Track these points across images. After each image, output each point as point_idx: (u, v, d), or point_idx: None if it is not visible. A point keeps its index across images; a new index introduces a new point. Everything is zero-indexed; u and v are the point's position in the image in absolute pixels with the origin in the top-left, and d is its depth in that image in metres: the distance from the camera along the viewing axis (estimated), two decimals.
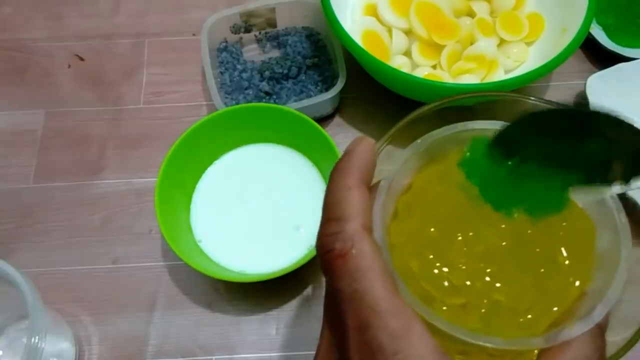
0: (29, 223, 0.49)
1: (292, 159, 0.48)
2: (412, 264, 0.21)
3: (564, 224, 0.22)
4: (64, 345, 0.42)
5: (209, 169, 0.48)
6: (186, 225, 0.45)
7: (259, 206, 0.46)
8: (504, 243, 0.21)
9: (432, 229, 0.22)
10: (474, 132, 0.23)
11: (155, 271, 0.46)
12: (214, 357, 0.43)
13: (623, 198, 0.22)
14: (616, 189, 0.21)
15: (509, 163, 0.22)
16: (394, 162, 0.23)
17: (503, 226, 0.22)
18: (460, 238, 0.22)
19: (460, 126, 0.23)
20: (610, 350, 0.21)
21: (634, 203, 0.33)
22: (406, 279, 0.21)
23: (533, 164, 0.21)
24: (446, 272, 0.21)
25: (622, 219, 0.22)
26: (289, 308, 0.45)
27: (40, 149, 0.52)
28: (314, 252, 0.38)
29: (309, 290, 0.46)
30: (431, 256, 0.21)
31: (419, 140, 0.23)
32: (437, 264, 0.21)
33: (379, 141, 0.23)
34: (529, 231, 0.21)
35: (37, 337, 0.34)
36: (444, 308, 0.21)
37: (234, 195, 0.47)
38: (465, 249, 0.21)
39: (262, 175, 0.48)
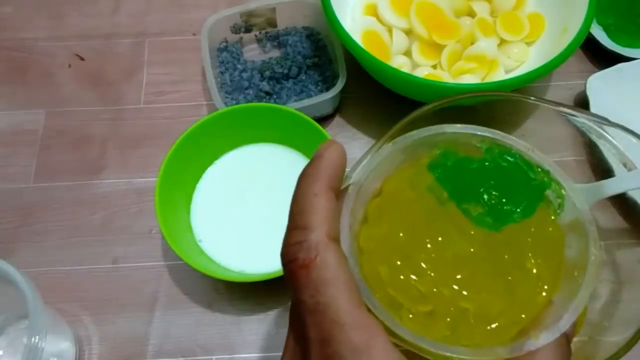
0: (29, 223, 0.49)
1: (292, 159, 0.48)
2: (380, 270, 0.21)
3: (533, 230, 0.21)
4: (64, 345, 0.42)
5: (209, 169, 0.48)
6: (186, 225, 0.45)
7: (259, 206, 0.46)
8: (472, 249, 0.21)
9: (401, 234, 0.22)
10: (446, 136, 0.23)
11: (155, 271, 0.46)
12: (214, 357, 0.43)
13: (623, 198, 0.22)
14: (615, 189, 0.21)
15: (479, 166, 0.22)
16: (364, 167, 0.22)
17: (472, 232, 0.21)
18: (429, 245, 0.21)
19: (434, 129, 0.23)
20: (610, 350, 0.21)
21: (634, 203, 0.33)
22: (374, 285, 0.20)
23: (504, 168, 0.21)
24: (413, 279, 0.21)
25: (591, 226, 0.21)
26: (289, 308, 0.45)
27: (41, 148, 0.52)
28: None
29: None
30: (399, 262, 0.21)
31: (389, 144, 0.23)
32: (405, 271, 0.21)
33: (378, 141, 0.23)
34: (497, 237, 0.21)
35: (37, 337, 0.34)
36: (411, 316, 0.21)
37: (234, 195, 0.47)
38: (433, 255, 0.21)
39: (262, 175, 0.48)
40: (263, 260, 0.44)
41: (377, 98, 0.53)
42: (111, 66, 0.57)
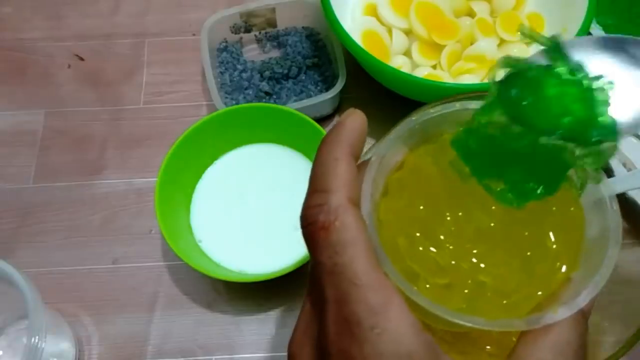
0: (29, 223, 0.49)
1: (292, 159, 0.48)
2: (399, 241, 0.21)
3: (554, 208, 0.21)
4: (64, 345, 0.42)
5: (209, 169, 0.48)
6: (186, 225, 0.45)
7: (259, 206, 0.46)
8: (492, 224, 0.21)
9: (422, 207, 0.22)
10: (470, 112, 0.23)
11: (155, 271, 0.46)
12: (214, 357, 0.43)
13: (623, 198, 0.22)
14: (615, 188, 0.21)
15: (501, 143, 0.21)
16: (387, 138, 0.23)
17: (493, 207, 0.21)
18: (449, 218, 0.21)
19: (458, 105, 0.23)
20: (610, 350, 0.21)
21: (634, 203, 0.33)
22: (392, 255, 0.20)
23: (529, 144, 0.21)
24: (432, 251, 0.21)
25: (613, 206, 0.21)
26: (289, 308, 0.45)
27: (40, 149, 0.52)
28: None
29: None
30: (418, 234, 0.21)
31: (413, 117, 0.23)
32: (424, 243, 0.21)
33: (378, 141, 0.23)
34: (518, 214, 0.21)
35: (37, 337, 0.34)
36: (428, 286, 0.21)
37: (234, 195, 0.47)
38: (453, 228, 0.21)
39: (262, 175, 0.48)
40: (263, 260, 0.44)
41: (377, 98, 0.53)
42: (111, 66, 0.57)
